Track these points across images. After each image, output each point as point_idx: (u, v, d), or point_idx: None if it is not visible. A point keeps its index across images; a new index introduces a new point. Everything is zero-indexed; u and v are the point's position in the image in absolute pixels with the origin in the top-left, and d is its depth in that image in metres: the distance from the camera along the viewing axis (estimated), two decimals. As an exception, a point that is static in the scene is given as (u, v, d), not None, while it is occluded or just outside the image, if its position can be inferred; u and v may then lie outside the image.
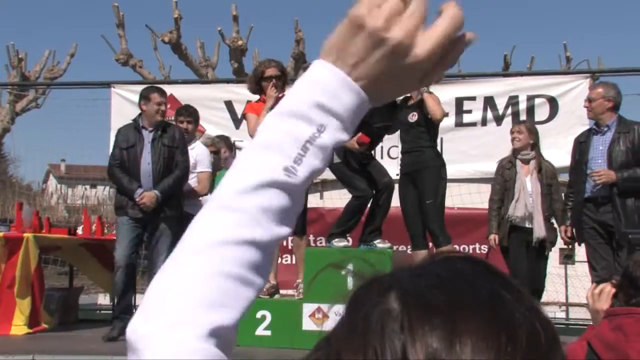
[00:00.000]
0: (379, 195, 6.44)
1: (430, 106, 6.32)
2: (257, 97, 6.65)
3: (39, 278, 6.95)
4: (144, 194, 6.49)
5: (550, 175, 6.61)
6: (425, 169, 6.37)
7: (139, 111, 9.15)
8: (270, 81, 6.28)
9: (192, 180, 7.17)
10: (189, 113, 7.47)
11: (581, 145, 6.42)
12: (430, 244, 6.68)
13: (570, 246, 6.88)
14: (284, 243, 7.90)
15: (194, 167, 7.14)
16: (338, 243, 6.41)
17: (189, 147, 7.08)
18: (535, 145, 6.66)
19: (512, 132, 6.77)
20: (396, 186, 6.54)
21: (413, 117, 6.47)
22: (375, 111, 6.27)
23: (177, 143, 6.74)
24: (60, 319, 7.47)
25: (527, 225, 6.49)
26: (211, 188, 7.17)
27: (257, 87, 6.40)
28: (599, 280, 6.19)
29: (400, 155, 6.76)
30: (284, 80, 6.35)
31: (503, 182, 6.58)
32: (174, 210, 6.64)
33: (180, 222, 6.55)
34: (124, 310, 6.53)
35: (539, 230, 6.41)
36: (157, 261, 6.47)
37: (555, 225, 6.60)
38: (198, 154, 7.26)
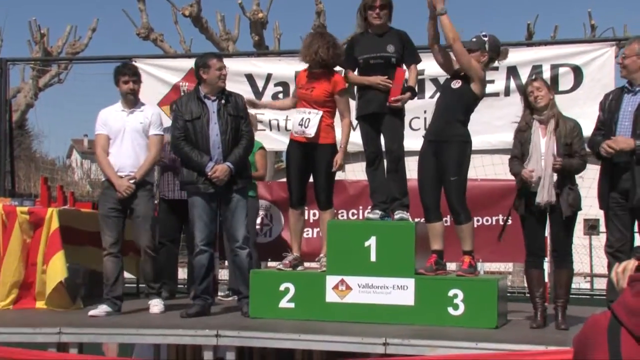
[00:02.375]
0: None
1: (446, 25, 5.96)
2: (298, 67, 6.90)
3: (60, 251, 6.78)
4: (216, 167, 6.29)
5: (569, 134, 5.92)
6: (452, 143, 6.03)
7: (160, 85, 9.27)
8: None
9: (144, 144, 6.75)
10: (134, 72, 6.90)
11: (612, 103, 6.02)
12: (449, 220, 6.60)
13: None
14: (306, 216, 7.87)
15: (145, 131, 6.75)
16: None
17: (138, 110, 6.80)
18: (553, 104, 6.04)
19: (529, 91, 6.05)
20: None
21: (456, 84, 6.17)
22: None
23: (242, 112, 6.56)
24: (86, 292, 7.52)
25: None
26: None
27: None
28: (612, 251, 6.06)
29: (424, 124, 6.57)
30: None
31: (520, 146, 6.03)
32: (245, 180, 6.54)
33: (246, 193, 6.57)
34: (204, 291, 6.43)
35: (543, 194, 5.80)
36: (236, 235, 6.37)
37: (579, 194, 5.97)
38: (152, 114, 6.86)
